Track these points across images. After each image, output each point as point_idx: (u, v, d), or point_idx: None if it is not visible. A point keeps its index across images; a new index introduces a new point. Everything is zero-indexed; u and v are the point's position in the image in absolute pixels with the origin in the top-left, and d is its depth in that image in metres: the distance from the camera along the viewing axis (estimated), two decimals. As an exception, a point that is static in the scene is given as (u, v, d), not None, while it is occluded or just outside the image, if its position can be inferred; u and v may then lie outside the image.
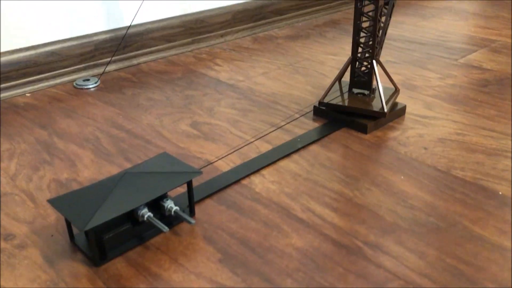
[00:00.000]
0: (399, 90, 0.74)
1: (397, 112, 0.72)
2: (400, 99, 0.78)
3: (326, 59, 0.97)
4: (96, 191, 0.46)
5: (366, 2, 0.67)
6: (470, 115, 0.73)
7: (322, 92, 0.80)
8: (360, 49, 0.71)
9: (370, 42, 0.69)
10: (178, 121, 0.72)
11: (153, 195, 0.46)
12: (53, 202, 0.45)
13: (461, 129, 0.69)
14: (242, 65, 0.94)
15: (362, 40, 0.71)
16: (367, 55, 0.70)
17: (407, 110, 0.75)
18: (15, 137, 0.68)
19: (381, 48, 0.74)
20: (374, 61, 0.69)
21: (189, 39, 1.03)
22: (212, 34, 1.07)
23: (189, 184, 0.50)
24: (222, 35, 1.09)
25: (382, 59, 0.96)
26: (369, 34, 0.68)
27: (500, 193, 0.55)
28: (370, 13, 0.67)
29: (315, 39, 1.10)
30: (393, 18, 1.25)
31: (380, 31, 0.73)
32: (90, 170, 0.60)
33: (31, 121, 0.73)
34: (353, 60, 0.71)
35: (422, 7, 1.35)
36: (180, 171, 0.49)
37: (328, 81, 0.86)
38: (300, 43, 1.07)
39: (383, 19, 0.74)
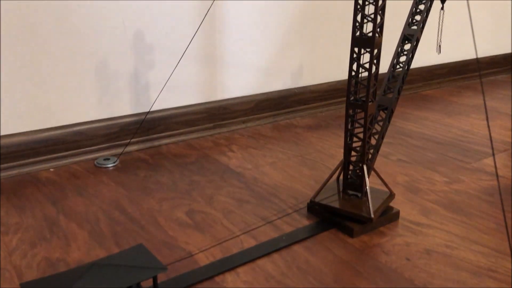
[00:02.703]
0: (394, 194, 0.75)
1: (390, 217, 0.72)
2: (399, 203, 0.78)
3: (337, 152, 0.99)
4: (64, 280, 0.49)
5: (359, 110, 0.70)
6: (466, 226, 0.71)
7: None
8: (353, 153, 0.73)
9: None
10: (176, 208, 0.76)
11: (113, 289, 0.49)
12: (24, 286, 0.49)
13: (452, 241, 0.67)
14: (255, 153, 0.98)
15: (356, 143, 0.73)
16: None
17: (403, 215, 0.74)
18: (26, 212, 0.74)
19: (378, 151, 0.75)
20: (364, 167, 0.70)
21: (211, 124, 1.10)
22: (234, 120, 1.13)
23: (154, 279, 0.52)
24: (243, 122, 1.14)
25: (393, 157, 0.97)
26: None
27: (473, 318, 0.53)
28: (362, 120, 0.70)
29: (333, 130, 1.13)
30: (417, 113, 1.26)
31: (377, 136, 0.75)
32: (80, 252, 0.64)
33: (46, 196, 0.79)
34: (345, 163, 0.73)
35: (451, 104, 1.35)
36: (147, 266, 0.52)
37: (334, 177, 0.88)
38: (317, 133, 1.11)
39: (381, 123, 0.77)
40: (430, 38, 0.85)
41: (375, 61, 0.66)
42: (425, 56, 1.43)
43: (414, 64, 1.44)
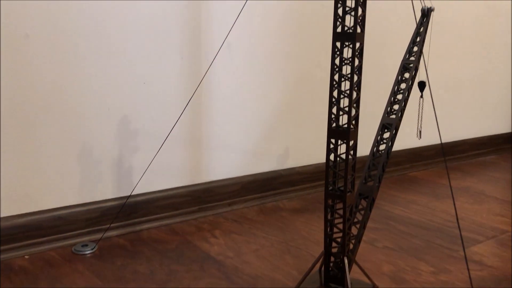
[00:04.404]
0: (377, 287, 0.72)
1: (373, 312, 0.69)
2: (384, 295, 0.75)
3: (323, 239, 0.97)
4: None
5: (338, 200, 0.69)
6: (453, 323, 0.68)
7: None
8: (334, 244, 0.71)
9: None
10: (151, 301, 0.73)
11: None
12: None
13: None
14: (238, 239, 0.96)
15: (337, 234, 0.71)
16: (343, 249, 0.70)
17: (387, 309, 0.71)
18: (-7, 305, 0.71)
19: (360, 242, 0.73)
20: (345, 259, 0.68)
21: (195, 207, 1.08)
22: (219, 203, 1.11)
23: None
24: (229, 204, 1.13)
25: (379, 244, 0.95)
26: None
27: None
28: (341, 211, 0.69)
29: (319, 214, 1.11)
30: (405, 196, 1.25)
31: (358, 225, 0.74)
32: None
33: None
34: (326, 255, 0.71)
35: (439, 186, 1.35)
36: None
37: (316, 267, 0.85)
38: (304, 217, 1.09)
39: (362, 212, 0.75)
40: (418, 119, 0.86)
41: (351, 152, 0.67)
42: (412, 137, 1.45)
43: (401, 146, 1.45)
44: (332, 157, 0.68)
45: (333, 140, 0.67)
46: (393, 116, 0.77)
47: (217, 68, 1.06)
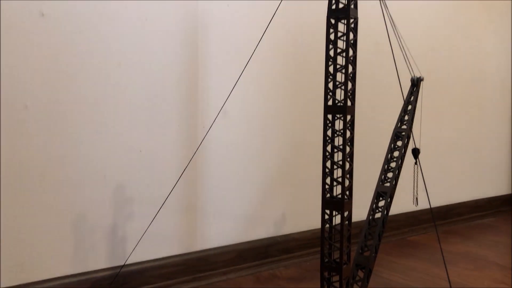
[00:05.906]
0: None
1: None
2: None
3: (320, 310, 0.94)
4: None
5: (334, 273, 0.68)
6: None
7: None
8: (332, 318, 0.69)
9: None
10: None
11: None
12: None
13: None
14: (233, 311, 0.93)
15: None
16: (340, 324, 0.68)
17: None
18: None
19: (358, 316, 0.71)
20: (343, 334, 0.66)
21: (189, 277, 1.05)
22: (214, 272, 1.09)
23: None
24: (224, 273, 1.10)
25: (379, 314, 0.92)
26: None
27: None
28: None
29: (317, 283, 1.08)
30: (404, 263, 1.22)
31: (356, 298, 0.72)
32: None
33: None
34: (323, 330, 0.68)
35: (437, 251, 1.31)
36: None
37: None
38: (301, 287, 1.06)
39: (359, 283, 0.74)
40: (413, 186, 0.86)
41: (346, 222, 0.66)
42: (410, 201, 1.44)
43: (400, 210, 1.44)
44: (327, 227, 0.67)
45: (327, 211, 0.67)
46: (388, 184, 0.77)
47: (213, 136, 1.08)
